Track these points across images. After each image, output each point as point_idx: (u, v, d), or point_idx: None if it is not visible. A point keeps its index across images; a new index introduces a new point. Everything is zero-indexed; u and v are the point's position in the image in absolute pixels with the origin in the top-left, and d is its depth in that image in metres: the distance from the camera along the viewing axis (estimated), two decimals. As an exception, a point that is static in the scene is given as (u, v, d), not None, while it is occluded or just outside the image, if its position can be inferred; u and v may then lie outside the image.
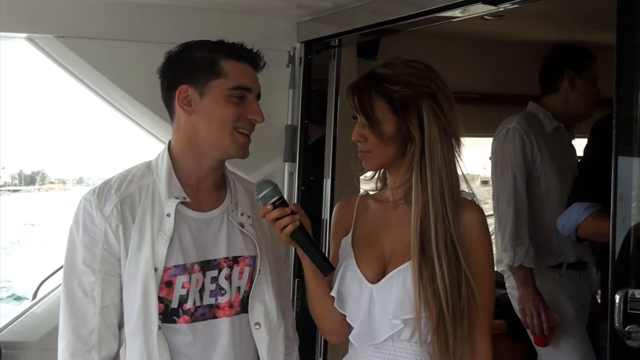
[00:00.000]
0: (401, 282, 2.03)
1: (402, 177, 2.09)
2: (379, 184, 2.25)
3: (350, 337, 2.12)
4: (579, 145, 3.75)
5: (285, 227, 1.99)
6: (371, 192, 2.27)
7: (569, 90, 3.57)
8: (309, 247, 2.03)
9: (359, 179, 2.50)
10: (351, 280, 2.09)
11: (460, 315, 1.98)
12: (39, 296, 3.96)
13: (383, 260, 2.10)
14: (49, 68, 3.57)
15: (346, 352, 2.23)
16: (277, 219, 2.00)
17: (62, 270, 4.28)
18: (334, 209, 2.32)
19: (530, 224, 3.44)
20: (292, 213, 2.00)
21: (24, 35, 3.29)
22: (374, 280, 2.07)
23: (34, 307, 3.65)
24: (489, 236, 2.12)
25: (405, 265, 2.04)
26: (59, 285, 3.70)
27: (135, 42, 3.39)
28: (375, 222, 2.17)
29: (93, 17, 3.33)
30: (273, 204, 2.01)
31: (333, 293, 2.11)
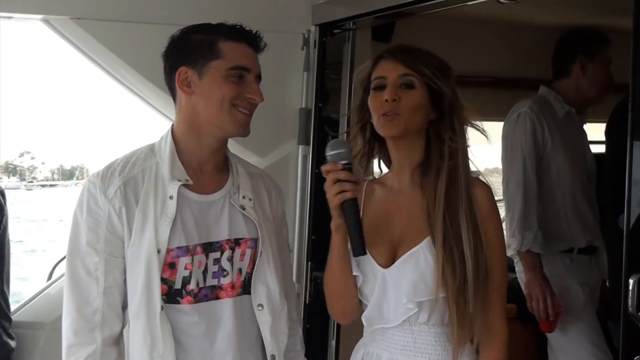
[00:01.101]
0: (414, 265, 2.03)
1: (414, 152, 2.10)
2: (361, 160, 2.21)
3: (363, 319, 2.12)
4: (590, 129, 3.75)
5: (342, 192, 1.95)
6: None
7: (580, 75, 3.53)
8: (355, 222, 1.98)
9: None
10: (363, 265, 2.09)
11: (477, 286, 1.98)
12: (53, 277, 3.98)
13: (392, 244, 2.10)
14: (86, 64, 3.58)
15: (359, 336, 2.24)
16: (341, 181, 1.96)
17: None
18: None
19: (540, 209, 3.42)
20: (355, 183, 1.97)
21: (40, 16, 3.31)
22: (386, 264, 2.08)
23: (49, 288, 3.68)
24: (499, 213, 2.13)
25: (416, 248, 2.04)
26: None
27: (150, 24, 3.40)
28: (383, 206, 2.16)
29: (109, -1, 3.34)
30: (344, 165, 1.98)
31: (356, 272, 2.09)
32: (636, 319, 2.10)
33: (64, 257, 4.50)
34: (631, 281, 2.11)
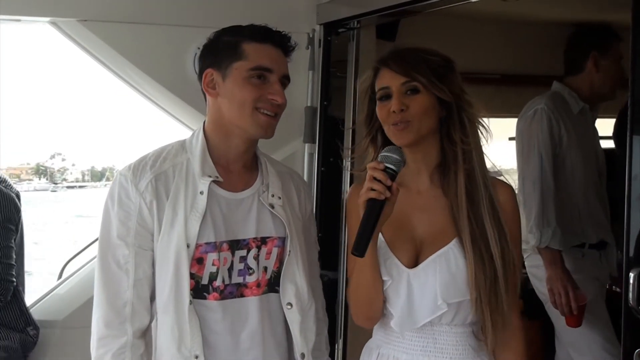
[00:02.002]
0: (445, 266, 2.02)
1: (430, 156, 2.09)
2: None
3: (392, 324, 2.08)
4: (599, 125, 3.75)
5: (371, 190, 1.93)
6: None
7: (594, 71, 3.53)
8: (367, 222, 1.94)
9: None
10: (389, 267, 2.07)
11: (507, 285, 1.98)
12: (64, 276, 4.02)
13: (414, 244, 2.08)
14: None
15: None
16: (376, 179, 1.94)
17: (86, 251, 4.38)
18: (348, 194, 2.28)
19: (555, 205, 3.44)
20: (389, 189, 1.94)
21: (47, 19, 3.34)
22: (410, 265, 2.06)
23: (60, 287, 3.72)
24: (519, 213, 2.14)
25: (445, 248, 2.03)
26: (84, 265, 3.79)
27: (157, 25, 3.43)
28: (402, 207, 2.07)
29: (115, 1, 3.37)
30: (386, 167, 1.95)
31: (385, 277, 2.06)
32: (637, 312, 2.11)
33: (74, 256, 4.57)
34: (632, 275, 2.12)
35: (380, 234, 2.06)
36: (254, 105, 2.09)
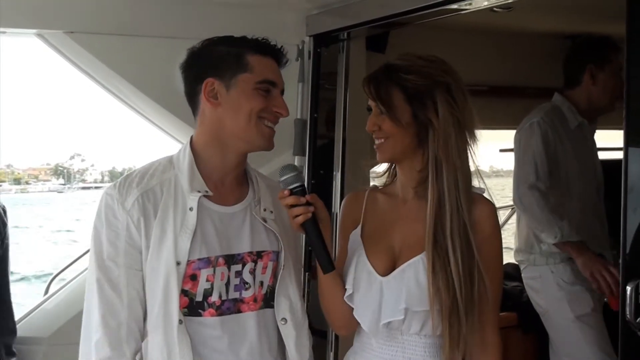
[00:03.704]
0: (413, 275, 2.04)
1: (413, 171, 2.11)
2: (387, 180, 2.25)
3: (365, 328, 2.11)
4: (597, 136, 3.73)
5: (297, 216, 2.01)
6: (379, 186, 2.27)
7: (590, 84, 3.53)
8: (316, 241, 2.04)
9: (369, 173, 2.50)
10: (360, 273, 2.10)
11: (471, 306, 1.99)
12: (50, 292, 3.97)
13: (393, 254, 2.11)
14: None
15: None
16: (292, 206, 2.01)
17: (71, 267, 4.33)
18: (343, 201, 2.33)
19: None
20: (308, 204, 2.01)
21: (34, 31, 3.31)
22: (384, 273, 2.08)
23: (46, 303, 3.68)
24: (500, 231, 2.14)
25: (417, 258, 2.05)
26: (70, 280, 3.75)
27: (145, 37, 3.41)
28: (385, 215, 2.17)
29: (102, 13, 3.35)
30: (291, 190, 2.02)
31: (348, 286, 2.11)
32: (634, 325, 2.10)
33: (60, 272, 4.52)
34: (628, 288, 2.10)
35: (360, 242, 2.15)
36: (259, 115, 2.08)
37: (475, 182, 2.11)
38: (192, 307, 2.04)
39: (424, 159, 2.08)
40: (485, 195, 2.13)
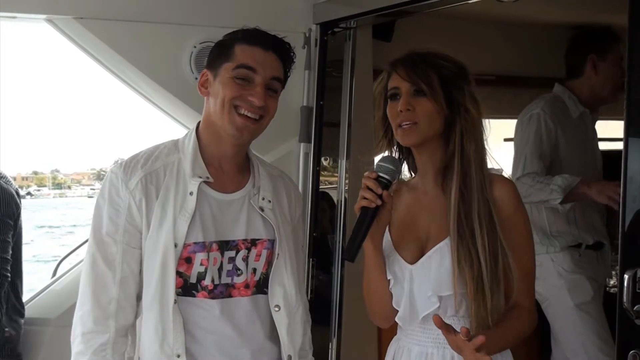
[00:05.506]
0: (439, 260, 2.07)
1: (434, 157, 2.14)
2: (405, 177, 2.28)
3: (396, 319, 2.16)
4: (598, 127, 3.74)
5: (364, 198, 2.03)
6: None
7: (592, 75, 3.53)
8: (359, 229, 2.04)
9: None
10: (392, 265, 2.14)
11: (497, 282, 2.01)
12: (58, 274, 4.01)
13: (420, 244, 2.14)
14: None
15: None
16: (368, 189, 2.03)
17: (80, 249, 4.37)
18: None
19: (550, 209, 3.43)
20: (380, 197, 2.02)
21: (44, 16, 3.34)
22: (413, 262, 2.12)
23: (54, 284, 3.72)
24: (524, 206, 2.16)
25: (442, 243, 2.08)
26: (78, 263, 3.78)
27: (154, 24, 3.43)
28: (410, 207, 2.20)
29: (112, -1, 3.37)
30: (378, 177, 2.04)
31: (388, 276, 2.14)
32: (631, 314, 2.12)
33: (68, 254, 4.56)
34: (626, 276, 2.12)
35: (388, 235, 2.16)
36: (233, 104, 2.09)
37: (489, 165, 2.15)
38: (186, 288, 2.09)
39: (444, 146, 2.11)
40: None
